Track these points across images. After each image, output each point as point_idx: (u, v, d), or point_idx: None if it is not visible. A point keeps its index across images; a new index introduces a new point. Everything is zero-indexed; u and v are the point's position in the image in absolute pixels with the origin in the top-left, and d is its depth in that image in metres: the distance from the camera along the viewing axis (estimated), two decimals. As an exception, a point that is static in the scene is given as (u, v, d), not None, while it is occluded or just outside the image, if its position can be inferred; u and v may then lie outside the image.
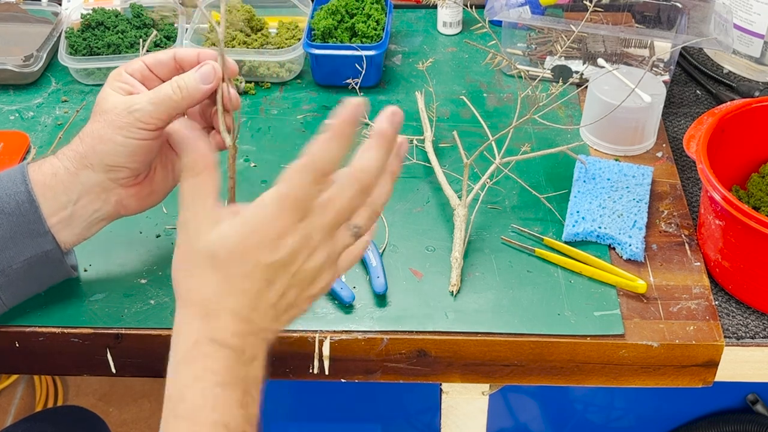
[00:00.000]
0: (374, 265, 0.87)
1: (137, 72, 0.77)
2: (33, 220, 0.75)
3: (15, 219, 0.75)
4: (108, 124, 0.74)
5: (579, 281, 0.86)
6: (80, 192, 0.76)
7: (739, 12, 1.13)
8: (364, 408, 1.45)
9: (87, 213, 0.77)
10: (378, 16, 1.15)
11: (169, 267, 0.88)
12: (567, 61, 1.15)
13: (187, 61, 0.77)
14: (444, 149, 1.03)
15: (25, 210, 0.75)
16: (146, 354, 0.84)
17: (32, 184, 0.75)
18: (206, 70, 0.74)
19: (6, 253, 0.75)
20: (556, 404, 1.40)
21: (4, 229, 0.75)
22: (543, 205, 0.95)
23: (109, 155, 0.75)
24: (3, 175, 0.77)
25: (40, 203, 0.75)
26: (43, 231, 0.75)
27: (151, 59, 0.77)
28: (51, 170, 0.76)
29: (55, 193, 0.76)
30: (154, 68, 0.77)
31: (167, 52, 0.78)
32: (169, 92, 0.73)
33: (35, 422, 1.05)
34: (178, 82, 0.74)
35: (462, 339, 0.82)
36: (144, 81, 0.77)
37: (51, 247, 0.76)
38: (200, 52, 0.77)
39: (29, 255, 0.76)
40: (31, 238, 0.75)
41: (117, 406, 1.79)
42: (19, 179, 0.76)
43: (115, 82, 0.76)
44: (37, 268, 0.77)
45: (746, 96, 1.11)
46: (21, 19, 1.24)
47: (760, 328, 0.83)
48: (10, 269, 0.76)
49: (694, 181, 1.00)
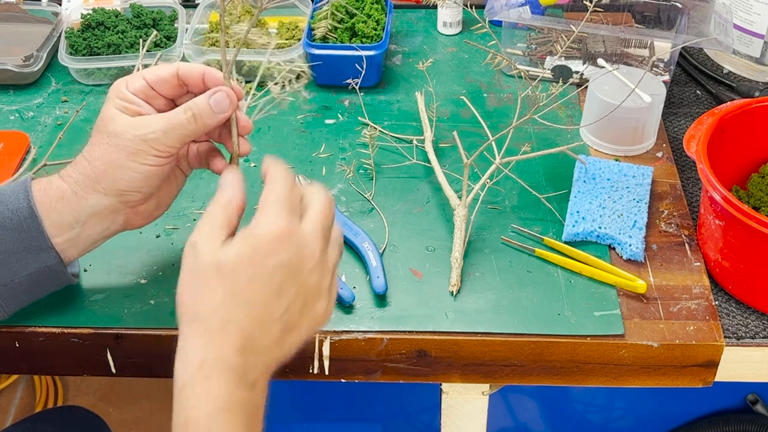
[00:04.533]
0: (374, 265, 0.87)
1: (141, 91, 0.75)
2: (35, 235, 0.74)
3: (17, 234, 0.74)
4: (120, 149, 0.73)
5: (579, 281, 0.86)
6: (89, 215, 0.75)
7: (739, 12, 1.13)
8: (364, 408, 1.45)
9: (95, 233, 0.77)
10: (378, 16, 1.15)
11: (169, 267, 0.88)
12: (567, 61, 1.15)
13: (192, 82, 0.76)
14: (444, 149, 1.03)
15: (27, 226, 0.74)
16: (146, 354, 0.84)
17: (37, 204, 0.74)
18: (220, 99, 0.73)
19: (8, 268, 0.75)
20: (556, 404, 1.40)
21: (7, 244, 0.74)
22: (543, 205, 0.95)
23: (123, 181, 0.74)
24: (5, 190, 0.76)
25: (45, 224, 0.74)
26: (46, 246, 0.75)
27: (154, 77, 0.76)
28: (58, 193, 0.75)
29: (61, 215, 0.75)
30: (157, 86, 0.76)
31: (169, 69, 0.76)
32: (183, 121, 0.73)
33: (35, 422, 1.05)
34: (193, 110, 0.73)
35: (462, 339, 0.82)
36: (148, 100, 0.76)
37: (54, 262, 0.76)
38: (205, 72, 0.76)
39: (32, 270, 0.75)
40: (33, 253, 0.75)
41: (117, 406, 1.79)
42: (21, 194, 0.75)
43: (118, 100, 0.75)
44: (40, 281, 0.77)
45: (746, 96, 1.11)
46: (21, 19, 1.24)
47: (760, 328, 0.83)
48: (12, 283, 0.75)
49: (694, 181, 1.00)
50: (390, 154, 1.03)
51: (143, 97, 0.76)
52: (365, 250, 0.88)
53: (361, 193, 0.98)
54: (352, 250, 0.90)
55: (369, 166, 1.01)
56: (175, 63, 0.77)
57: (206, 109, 0.73)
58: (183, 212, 0.95)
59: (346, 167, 1.01)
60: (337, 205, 0.94)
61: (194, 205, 0.96)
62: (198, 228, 0.66)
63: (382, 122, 1.08)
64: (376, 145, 1.02)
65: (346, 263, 0.89)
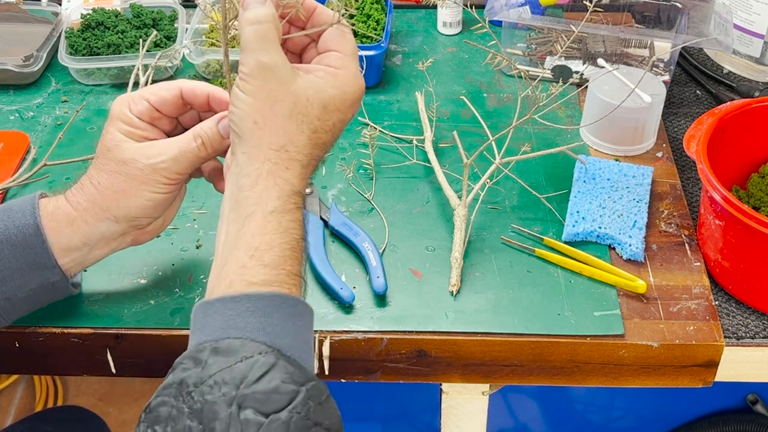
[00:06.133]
0: (374, 265, 0.87)
1: (145, 114, 0.75)
2: (40, 252, 0.74)
3: (22, 251, 0.74)
4: (130, 178, 0.73)
5: (579, 281, 0.86)
6: (98, 239, 0.76)
7: (739, 12, 1.13)
8: (364, 408, 1.45)
9: (102, 253, 0.78)
10: (378, 16, 1.15)
11: (169, 267, 0.89)
12: (567, 61, 1.15)
13: (197, 103, 0.76)
14: (444, 149, 1.03)
15: (32, 243, 0.74)
16: (146, 354, 0.84)
17: (46, 229, 0.74)
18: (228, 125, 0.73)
19: (12, 283, 0.75)
20: (556, 404, 1.40)
21: (11, 260, 0.74)
22: (543, 205, 0.95)
23: (135, 209, 0.74)
24: (13, 206, 0.75)
25: (53, 247, 0.74)
26: (51, 264, 0.75)
27: (157, 99, 0.75)
28: (66, 219, 0.74)
29: (70, 239, 0.75)
30: (161, 108, 0.76)
31: (172, 90, 0.76)
32: (194, 149, 0.73)
33: (35, 422, 1.05)
34: (203, 138, 0.73)
35: (462, 339, 0.82)
36: (152, 122, 0.76)
37: (58, 279, 0.76)
38: (210, 94, 0.76)
39: (35, 285, 0.75)
40: (38, 270, 0.75)
41: (117, 406, 1.79)
42: (28, 211, 0.74)
43: (123, 125, 0.74)
44: (42, 295, 0.77)
45: (746, 96, 1.11)
46: (21, 19, 1.24)
47: (760, 328, 0.83)
48: (15, 297, 0.75)
49: (694, 181, 1.00)
50: (390, 154, 1.03)
51: (148, 119, 0.75)
52: (365, 250, 0.88)
53: (361, 193, 0.98)
54: (352, 250, 0.90)
55: (369, 166, 1.01)
56: (177, 82, 0.76)
57: (216, 136, 0.74)
58: (183, 212, 0.95)
59: (346, 167, 1.01)
60: (337, 205, 0.94)
61: (194, 205, 0.96)
62: (262, 48, 0.64)
63: (382, 122, 1.07)
64: (376, 145, 1.02)
65: (346, 263, 0.89)
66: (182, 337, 0.82)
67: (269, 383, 0.56)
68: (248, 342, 0.58)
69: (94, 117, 1.11)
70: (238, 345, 0.58)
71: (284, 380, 0.57)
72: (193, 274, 0.88)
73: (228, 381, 0.56)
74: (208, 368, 0.57)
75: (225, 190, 0.67)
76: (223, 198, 0.67)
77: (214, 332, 0.60)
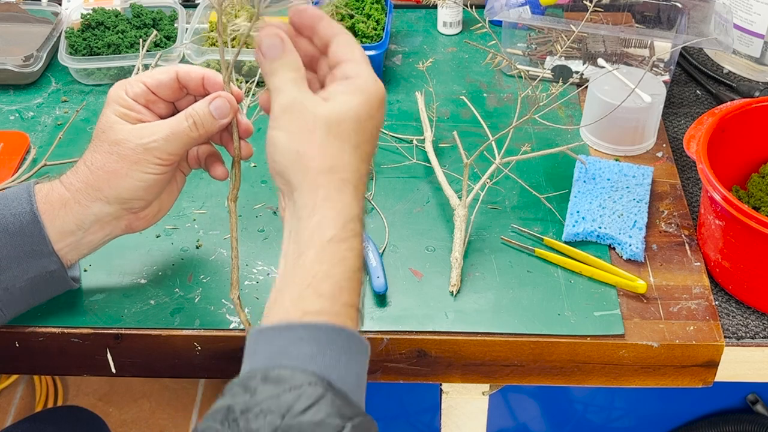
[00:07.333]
0: (374, 265, 0.87)
1: (141, 97, 0.75)
2: (37, 240, 0.74)
3: (18, 239, 0.74)
4: (122, 158, 0.73)
5: (579, 281, 0.86)
6: (91, 222, 0.76)
7: (739, 12, 1.13)
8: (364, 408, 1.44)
9: (96, 238, 0.77)
10: (378, 16, 1.15)
11: (169, 267, 0.89)
12: (567, 61, 1.15)
13: (192, 85, 0.76)
14: (444, 149, 1.03)
15: (29, 231, 0.74)
16: (146, 354, 0.84)
17: (40, 211, 0.74)
18: (220, 105, 0.74)
19: (10, 272, 0.75)
20: (556, 404, 1.40)
21: (8, 249, 0.74)
22: (543, 205, 0.95)
23: (125, 190, 0.74)
24: (9, 194, 0.76)
25: (48, 230, 0.74)
26: (48, 251, 0.75)
27: (153, 81, 0.76)
28: (60, 201, 0.75)
29: (64, 222, 0.75)
30: (157, 91, 0.76)
31: (168, 72, 0.76)
32: (185, 129, 0.73)
33: (35, 422, 1.05)
34: (194, 118, 0.73)
35: (462, 339, 0.82)
36: (148, 105, 0.76)
37: (56, 267, 0.76)
38: (205, 75, 0.76)
39: (33, 274, 0.75)
40: (35, 258, 0.75)
41: (117, 406, 1.79)
42: (24, 199, 0.74)
43: (118, 107, 0.75)
44: (41, 286, 0.77)
45: (746, 96, 1.11)
46: (21, 19, 1.24)
47: (760, 328, 0.83)
48: (13, 287, 0.75)
49: (694, 181, 1.00)
50: (390, 154, 1.03)
51: (143, 102, 0.75)
52: (365, 250, 0.88)
53: (361, 193, 0.98)
54: (352, 250, 0.90)
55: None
56: (173, 66, 0.77)
57: (207, 117, 0.74)
58: (183, 212, 0.95)
59: (346, 167, 1.00)
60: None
61: (194, 205, 0.96)
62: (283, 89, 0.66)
63: (382, 122, 1.07)
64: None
65: (346, 263, 0.89)
66: (182, 337, 0.82)
67: (314, 415, 0.55)
68: (298, 372, 0.57)
69: (94, 117, 1.10)
70: (287, 374, 0.57)
71: (330, 414, 0.55)
72: (193, 274, 0.88)
73: (274, 410, 0.55)
74: (256, 396, 0.56)
75: (284, 231, 0.66)
76: (282, 240, 0.66)
77: (266, 359, 0.59)
